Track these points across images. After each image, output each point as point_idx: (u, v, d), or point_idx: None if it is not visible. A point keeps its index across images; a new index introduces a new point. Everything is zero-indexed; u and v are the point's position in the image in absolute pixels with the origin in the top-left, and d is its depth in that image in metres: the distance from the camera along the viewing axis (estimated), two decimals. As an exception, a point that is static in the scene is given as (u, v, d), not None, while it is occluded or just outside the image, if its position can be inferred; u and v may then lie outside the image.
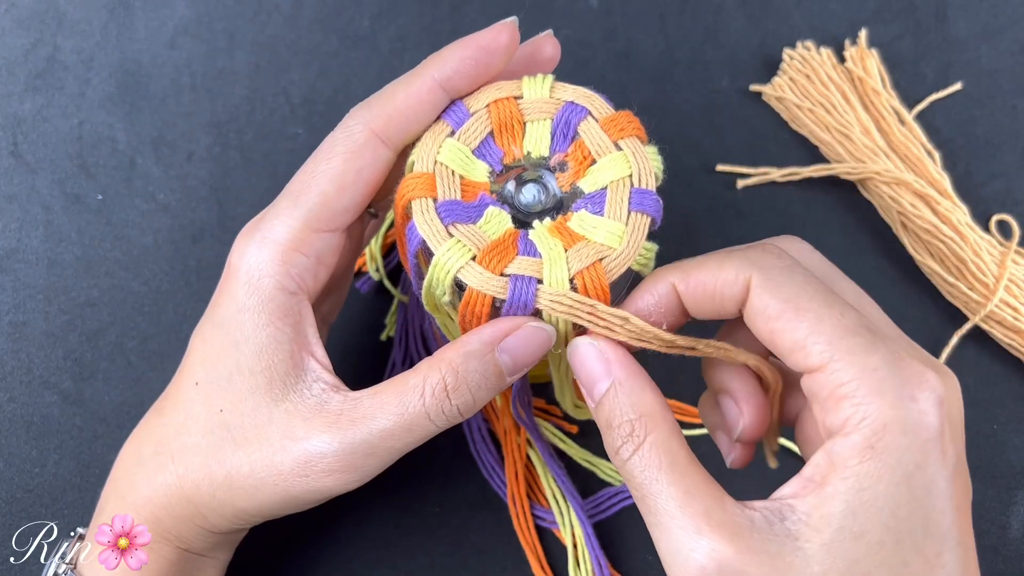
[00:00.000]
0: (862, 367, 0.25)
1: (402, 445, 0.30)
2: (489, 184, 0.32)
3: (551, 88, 0.33)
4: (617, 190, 0.31)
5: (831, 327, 0.25)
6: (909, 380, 0.25)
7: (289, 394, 0.31)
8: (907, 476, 0.24)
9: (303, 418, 0.31)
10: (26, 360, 0.44)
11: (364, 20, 0.51)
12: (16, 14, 0.50)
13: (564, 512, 0.41)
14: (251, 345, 0.31)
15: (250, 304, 0.31)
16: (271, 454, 0.30)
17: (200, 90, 0.49)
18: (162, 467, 0.32)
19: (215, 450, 0.31)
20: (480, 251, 0.30)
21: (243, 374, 0.31)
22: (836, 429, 0.25)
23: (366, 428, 0.30)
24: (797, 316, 0.26)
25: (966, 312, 0.45)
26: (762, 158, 0.48)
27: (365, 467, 0.31)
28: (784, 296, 0.26)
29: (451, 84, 0.32)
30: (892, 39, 0.50)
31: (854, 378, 0.25)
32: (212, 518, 0.32)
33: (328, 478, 0.30)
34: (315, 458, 0.30)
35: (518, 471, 0.41)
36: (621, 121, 0.32)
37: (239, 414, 0.31)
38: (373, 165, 0.32)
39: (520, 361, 0.30)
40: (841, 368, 0.25)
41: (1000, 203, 0.47)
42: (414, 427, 0.30)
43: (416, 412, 0.30)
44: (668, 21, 0.51)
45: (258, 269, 0.31)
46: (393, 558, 0.41)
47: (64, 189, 0.47)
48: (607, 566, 0.40)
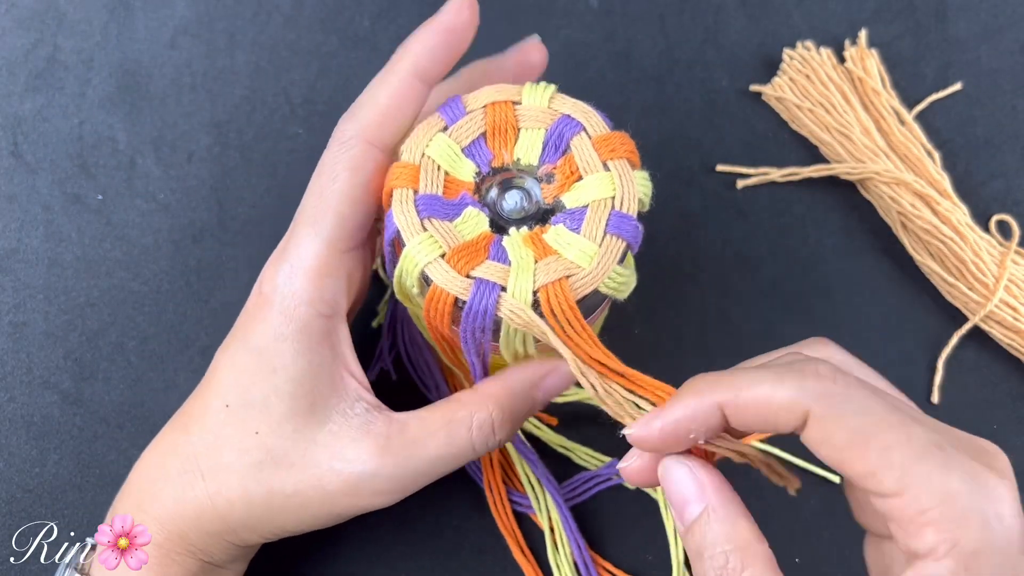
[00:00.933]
0: (943, 493, 0.24)
1: (446, 471, 0.32)
2: (473, 184, 0.32)
3: (551, 98, 0.32)
4: (597, 210, 0.30)
5: (902, 454, 0.24)
6: (990, 498, 0.24)
7: (332, 416, 0.32)
8: None
9: (351, 439, 0.31)
10: (26, 360, 0.44)
11: (364, 20, 0.51)
12: (16, 14, 0.50)
13: (540, 497, 0.41)
14: (290, 372, 0.31)
15: (288, 332, 0.32)
16: (319, 476, 0.31)
17: (200, 90, 0.49)
18: (191, 484, 0.32)
19: (253, 471, 0.31)
20: (450, 249, 0.30)
21: (282, 399, 0.31)
22: (923, 553, 0.24)
23: (417, 455, 0.31)
24: (864, 444, 0.25)
25: (966, 312, 0.45)
26: (762, 158, 0.48)
27: (411, 489, 0.32)
28: (850, 427, 0.25)
29: (427, 74, 0.32)
30: (892, 39, 0.50)
31: (936, 505, 0.24)
32: (243, 534, 0.32)
33: (376, 498, 0.32)
34: (366, 481, 0.31)
35: (492, 458, 0.41)
36: (614, 141, 0.32)
37: (280, 436, 0.31)
38: (376, 175, 0.32)
39: (551, 395, 0.33)
40: (921, 495, 0.24)
41: (1000, 203, 0.47)
42: (460, 457, 0.32)
43: (463, 445, 0.32)
44: (668, 21, 0.51)
45: (293, 297, 0.32)
46: (393, 558, 0.41)
47: (64, 189, 0.47)
48: (586, 548, 0.40)
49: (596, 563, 0.41)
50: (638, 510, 0.42)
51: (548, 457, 0.42)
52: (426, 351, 0.43)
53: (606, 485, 0.42)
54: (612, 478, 0.42)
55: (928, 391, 0.44)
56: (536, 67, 0.35)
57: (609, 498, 0.42)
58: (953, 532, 0.24)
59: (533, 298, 0.29)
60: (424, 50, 0.32)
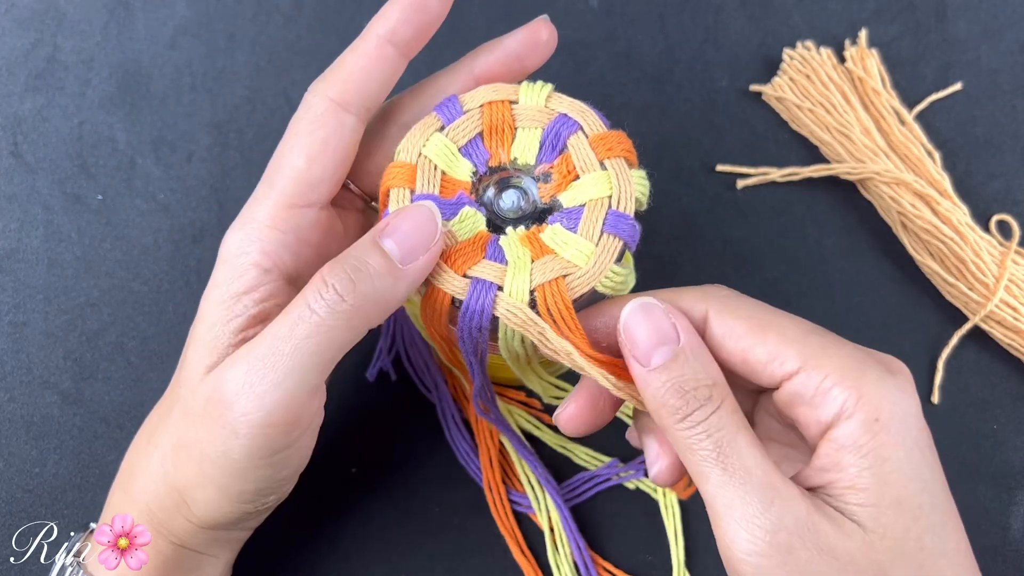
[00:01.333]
0: (839, 358, 0.27)
1: (316, 359, 0.29)
2: (470, 183, 0.32)
3: (547, 97, 0.32)
4: (594, 209, 0.30)
5: (796, 333, 0.28)
6: (882, 362, 0.28)
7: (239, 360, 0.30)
8: (916, 441, 0.26)
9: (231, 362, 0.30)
10: (26, 360, 0.44)
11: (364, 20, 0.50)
12: (16, 14, 0.50)
13: (540, 497, 0.41)
14: (206, 321, 0.32)
15: (222, 281, 0.32)
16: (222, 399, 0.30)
17: (200, 90, 0.49)
18: (149, 454, 0.32)
19: (185, 425, 0.31)
20: (447, 249, 0.30)
21: (197, 348, 0.31)
22: (832, 419, 0.27)
23: (277, 349, 0.29)
24: (763, 330, 0.28)
25: (966, 312, 0.45)
26: (762, 158, 0.48)
27: (295, 392, 0.29)
28: (745, 315, 0.28)
29: (397, 37, 0.32)
30: (892, 39, 0.50)
31: (837, 368, 0.27)
32: (196, 508, 0.32)
33: (261, 400, 0.29)
34: (241, 388, 0.29)
35: (492, 458, 0.41)
36: (611, 140, 0.31)
37: (203, 383, 0.31)
38: (338, 132, 0.32)
39: (406, 245, 0.29)
40: (821, 363, 0.27)
41: (1000, 203, 0.47)
42: (312, 333, 0.28)
43: (302, 313, 0.28)
44: (668, 21, 0.51)
45: (236, 248, 0.32)
46: (393, 558, 0.41)
47: (64, 189, 0.47)
48: (585, 548, 0.40)
49: (596, 563, 0.41)
50: (638, 510, 0.42)
51: (548, 457, 0.42)
52: (425, 351, 0.43)
53: (606, 485, 0.42)
54: (612, 478, 0.42)
55: (928, 391, 0.44)
56: (545, 44, 0.34)
57: (609, 498, 0.42)
58: (857, 388, 0.26)
59: (530, 297, 0.29)
60: (396, 12, 0.32)
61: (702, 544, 0.41)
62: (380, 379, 0.43)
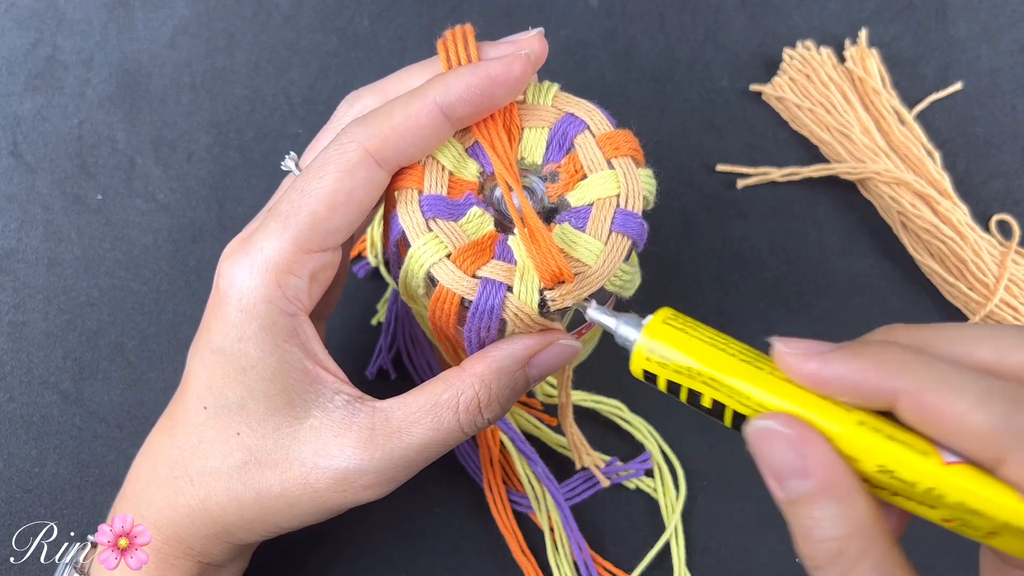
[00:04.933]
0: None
1: (436, 456, 0.31)
2: (477, 183, 0.32)
3: (554, 97, 0.32)
4: (602, 208, 0.30)
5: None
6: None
7: (312, 411, 0.31)
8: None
9: (333, 434, 0.30)
10: (26, 360, 0.44)
11: (364, 20, 0.51)
12: (16, 14, 0.50)
13: (540, 496, 0.41)
14: (260, 371, 0.31)
15: (250, 332, 0.31)
16: (304, 473, 0.30)
17: (200, 90, 0.49)
18: (181, 490, 0.32)
19: (239, 473, 0.31)
20: (456, 249, 0.30)
21: (257, 399, 0.31)
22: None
23: (403, 444, 0.30)
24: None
25: (966, 312, 0.44)
26: (762, 158, 0.48)
27: (402, 479, 0.31)
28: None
29: (453, 111, 0.30)
30: (892, 39, 0.50)
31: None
32: (240, 534, 0.32)
33: (366, 492, 0.31)
34: (353, 475, 0.30)
35: (492, 458, 0.41)
36: (618, 139, 0.32)
37: (261, 436, 0.31)
38: (366, 186, 0.30)
39: (545, 373, 0.31)
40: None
41: (1000, 203, 0.47)
42: (448, 441, 0.31)
43: (451, 428, 0.30)
44: (668, 21, 0.51)
45: (252, 294, 0.30)
46: (393, 558, 0.41)
47: (64, 189, 0.47)
48: (586, 548, 0.40)
49: (596, 563, 0.41)
50: (638, 510, 0.42)
51: (548, 457, 0.42)
52: (427, 349, 0.43)
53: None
54: (612, 478, 0.42)
55: (928, 391, 0.44)
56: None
57: (609, 498, 0.42)
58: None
59: (540, 297, 0.29)
60: (460, 88, 0.30)
61: (702, 544, 0.41)
62: (380, 377, 0.43)
